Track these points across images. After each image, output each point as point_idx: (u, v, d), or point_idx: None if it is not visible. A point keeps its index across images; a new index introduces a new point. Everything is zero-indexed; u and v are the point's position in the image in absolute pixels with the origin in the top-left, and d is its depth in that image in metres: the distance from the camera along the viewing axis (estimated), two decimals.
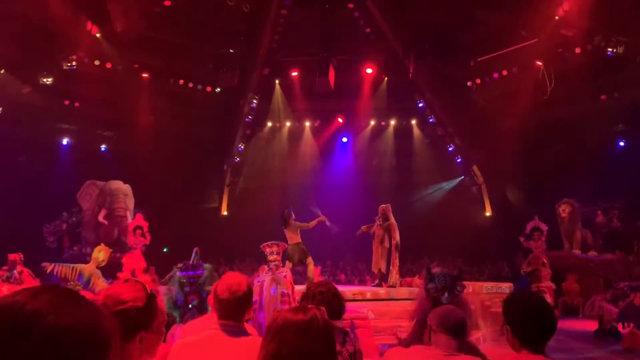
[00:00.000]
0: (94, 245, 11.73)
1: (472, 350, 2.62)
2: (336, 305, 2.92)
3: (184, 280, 5.55)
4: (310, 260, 10.72)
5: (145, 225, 13.66)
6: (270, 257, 6.81)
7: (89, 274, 9.63)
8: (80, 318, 0.82)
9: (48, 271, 10.25)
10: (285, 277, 6.57)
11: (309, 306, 1.74)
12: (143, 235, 15.63)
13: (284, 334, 1.63)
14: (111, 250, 10.69)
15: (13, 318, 0.78)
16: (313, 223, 11.02)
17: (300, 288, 6.59)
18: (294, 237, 10.58)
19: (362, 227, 12.11)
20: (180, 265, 5.73)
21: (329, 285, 3.05)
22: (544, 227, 14.37)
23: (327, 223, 11.50)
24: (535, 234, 14.15)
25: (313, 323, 1.62)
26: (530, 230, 14.37)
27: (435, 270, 4.79)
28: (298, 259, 10.49)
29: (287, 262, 10.48)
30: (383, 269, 11.58)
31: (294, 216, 10.75)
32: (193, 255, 5.82)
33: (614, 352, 8.78)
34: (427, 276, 4.79)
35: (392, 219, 11.46)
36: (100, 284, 9.52)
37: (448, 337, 2.33)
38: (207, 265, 5.83)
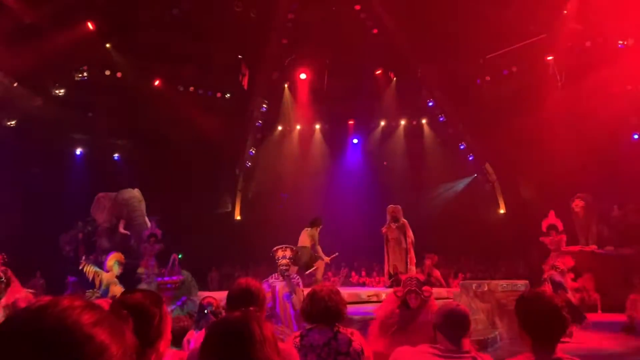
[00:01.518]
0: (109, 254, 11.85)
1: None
2: (337, 307, 2.94)
3: (161, 286, 5.57)
4: (320, 262, 10.73)
5: (158, 232, 13.73)
6: (282, 261, 6.78)
7: (107, 282, 9.75)
8: (101, 329, 0.84)
9: (81, 267, 10.42)
10: (298, 284, 6.55)
11: (242, 309, 1.73)
12: (157, 242, 15.75)
13: (219, 338, 1.60)
14: (123, 255, 10.77)
15: (32, 328, 0.80)
16: (327, 259, 11.05)
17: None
18: (305, 241, 10.59)
19: (383, 229, 12.05)
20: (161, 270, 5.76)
21: (329, 289, 3.07)
22: (559, 223, 14.14)
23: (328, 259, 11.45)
24: (552, 231, 13.91)
25: (247, 323, 1.59)
26: (547, 227, 14.15)
27: (404, 276, 4.99)
28: (304, 263, 10.51)
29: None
30: (402, 270, 11.56)
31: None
32: (171, 261, 5.84)
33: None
34: (393, 281, 5.00)
35: (403, 219, 11.49)
36: (117, 290, 9.63)
37: (453, 335, 2.33)
38: (185, 272, 5.83)
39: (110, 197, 15.38)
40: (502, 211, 21.03)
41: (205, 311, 4.98)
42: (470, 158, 21.32)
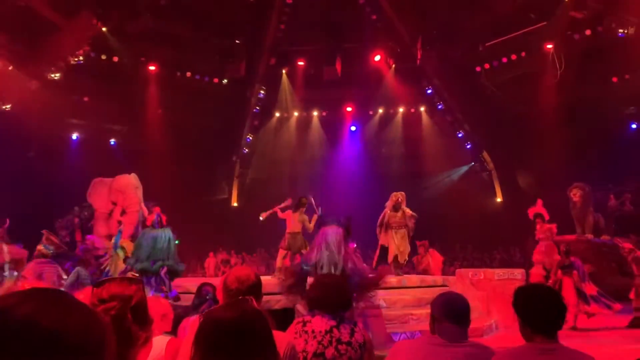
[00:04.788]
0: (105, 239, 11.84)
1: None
2: (342, 296, 2.90)
3: None
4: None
5: (164, 218, 13.65)
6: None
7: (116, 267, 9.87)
8: (73, 320, 0.81)
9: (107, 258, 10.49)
10: None
11: (240, 298, 1.67)
12: (161, 227, 15.69)
13: (214, 334, 1.55)
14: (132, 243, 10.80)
15: (3, 322, 0.77)
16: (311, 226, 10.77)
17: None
18: (297, 226, 10.53)
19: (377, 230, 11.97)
20: None
21: (334, 277, 3.04)
22: (545, 212, 13.91)
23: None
24: (538, 219, 13.70)
25: (243, 318, 1.55)
26: (533, 215, 13.93)
27: None
28: (298, 248, 10.50)
29: (284, 250, 10.59)
30: (404, 256, 11.55)
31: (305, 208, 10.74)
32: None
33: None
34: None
35: (405, 206, 11.53)
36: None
37: (452, 325, 2.31)
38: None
39: (106, 183, 15.24)
40: (499, 200, 21.05)
41: (207, 297, 4.97)
42: (468, 146, 21.28)
